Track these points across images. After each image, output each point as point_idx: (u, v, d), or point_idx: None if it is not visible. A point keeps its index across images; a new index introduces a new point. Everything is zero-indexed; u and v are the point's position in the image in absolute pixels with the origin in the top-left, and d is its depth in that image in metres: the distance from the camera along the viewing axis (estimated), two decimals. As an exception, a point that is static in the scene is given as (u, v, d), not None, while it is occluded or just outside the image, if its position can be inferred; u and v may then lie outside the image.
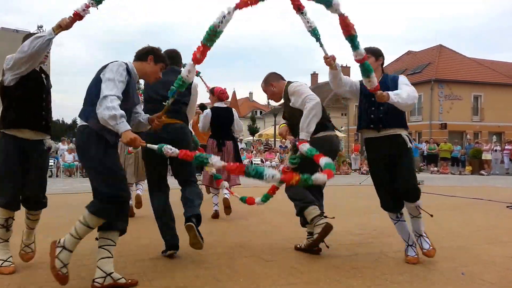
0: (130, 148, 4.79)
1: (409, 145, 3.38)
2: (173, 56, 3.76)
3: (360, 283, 2.85)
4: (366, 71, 3.06)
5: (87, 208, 2.71)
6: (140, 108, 3.24)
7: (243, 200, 3.98)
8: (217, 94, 5.80)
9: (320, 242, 3.52)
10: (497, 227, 5.09)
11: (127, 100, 2.82)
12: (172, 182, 3.73)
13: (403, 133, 3.42)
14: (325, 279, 2.93)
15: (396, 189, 3.37)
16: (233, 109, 5.99)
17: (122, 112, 2.63)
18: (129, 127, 2.66)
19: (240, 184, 5.87)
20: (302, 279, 2.94)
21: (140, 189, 5.87)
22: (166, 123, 3.29)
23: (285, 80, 3.90)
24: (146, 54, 3.02)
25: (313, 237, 3.51)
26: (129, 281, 2.80)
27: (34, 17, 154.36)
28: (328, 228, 3.38)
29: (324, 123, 3.70)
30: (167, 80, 3.33)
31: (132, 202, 5.50)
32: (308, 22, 3.08)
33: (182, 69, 3.31)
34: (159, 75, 3.09)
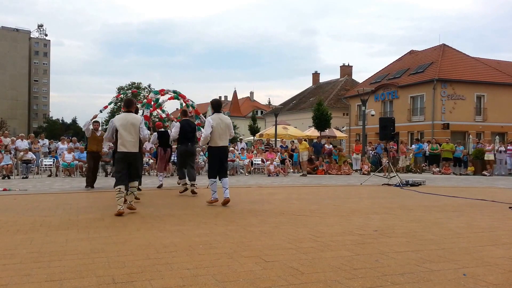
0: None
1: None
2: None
3: (361, 284, 2.83)
4: None
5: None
6: None
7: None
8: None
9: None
10: (500, 229, 5.06)
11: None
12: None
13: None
14: (325, 280, 2.91)
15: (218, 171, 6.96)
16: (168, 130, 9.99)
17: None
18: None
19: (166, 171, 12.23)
20: (302, 279, 2.92)
21: None
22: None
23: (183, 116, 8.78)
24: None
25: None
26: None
27: (34, 17, 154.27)
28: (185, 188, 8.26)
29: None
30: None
31: None
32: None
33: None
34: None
